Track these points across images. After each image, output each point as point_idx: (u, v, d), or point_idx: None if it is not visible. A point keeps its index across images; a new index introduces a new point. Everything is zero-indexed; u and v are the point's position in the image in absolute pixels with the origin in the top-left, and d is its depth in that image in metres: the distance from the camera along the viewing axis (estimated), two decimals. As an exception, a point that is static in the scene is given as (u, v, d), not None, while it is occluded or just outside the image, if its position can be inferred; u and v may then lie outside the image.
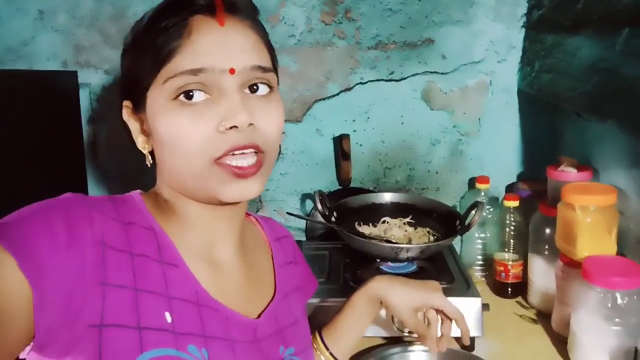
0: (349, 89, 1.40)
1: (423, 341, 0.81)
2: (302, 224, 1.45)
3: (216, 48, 0.55)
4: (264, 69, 0.57)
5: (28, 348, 0.48)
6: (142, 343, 0.50)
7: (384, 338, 1.05)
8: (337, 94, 1.40)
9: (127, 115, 0.61)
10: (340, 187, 1.42)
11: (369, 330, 1.01)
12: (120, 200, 0.58)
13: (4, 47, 1.37)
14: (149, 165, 0.61)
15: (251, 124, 0.55)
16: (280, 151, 0.62)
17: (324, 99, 1.40)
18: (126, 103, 0.60)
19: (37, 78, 1.26)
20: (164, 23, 0.55)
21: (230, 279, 0.64)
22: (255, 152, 0.56)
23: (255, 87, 0.58)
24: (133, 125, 0.60)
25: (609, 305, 0.88)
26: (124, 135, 0.63)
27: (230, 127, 0.54)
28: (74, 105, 1.38)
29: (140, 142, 0.60)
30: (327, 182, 1.44)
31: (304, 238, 1.45)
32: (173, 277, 0.56)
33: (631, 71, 0.82)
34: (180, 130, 0.54)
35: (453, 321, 0.83)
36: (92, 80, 1.40)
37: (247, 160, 0.55)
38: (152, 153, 0.60)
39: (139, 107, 0.58)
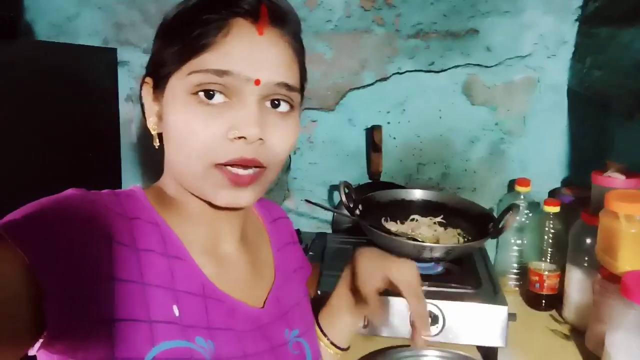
0: (385, 79, 1.34)
1: (370, 314, 0.74)
2: (328, 215, 1.41)
3: (248, 55, 0.54)
4: (289, 88, 0.56)
5: (37, 345, 0.48)
6: (154, 336, 0.51)
7: (399, 339, 1.00)
8: (373, 84, 1.35)
9: (145, 91, 0.60)
10: (369, 181, 1.38)
11: (383, 330, 0.98)
12: (124, 195, 0.58)
13: (49, 23, 1.40)
14: (156, 147, 0.60)
15: (260, 139, 0.54)
16: (284, 166, 0.60)
17: (358, 88, 1.36)
18: (147, 80, 0.60)
19: (77, 53, 1.29)
20: (205, 16, 0.54)
21: (234, 271, 0.64)
22: (257, 166, 0.56)
23: (276, 102, 0.57)
24: (149, 104, 0.60)
25: (650, 326, 0.80)
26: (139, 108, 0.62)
27: (239, 137, 0.53)
28: (111, 83, 1.40)
29: (152, 122, 0.59)
30: (357, 174, 1.39)
31: (329, 230, 1.42)
32: (179, 271, 0.56)
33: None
34: (191, 128, 0.53)
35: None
36: (131, 59, 1.41)
37: (246, 171, 0.55)
38: (160, 136, 0.60)
39: (158, 88, 0.58)
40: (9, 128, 1.04)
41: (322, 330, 0.78)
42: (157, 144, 0.60)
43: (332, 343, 0.78)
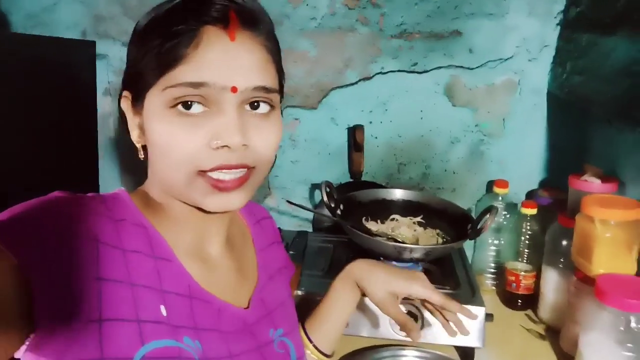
0: (368, 78, 1.34)
1: (403, 329, 0.76)
2: (309, 214, 1.41)
3: (222, 64, 0.53)
4: (267, 90, 0.56)
5: (23, 348, 0.48)
6: (143, 335, 0.51)
7: (378, 339, 1.01)
8: (356, 83, 1.35)
9: (125, 105, 0.59)
10: (351, 180, 1.38)
11: (362, 330, 0.98)
12: (110, 198, 0.57)
13: (25, 13, 1.36)
14: (142, 159, 0.60)
15: (244, 145, 0.54)
16: (273, 165, 0.61)
17: (341, 86, 1.35)
18: (126, 93, 0.59)
19: (54, 45, 1.26)
20: (174, 28, 0.53)
21: (220, 272, 0.64)
22: (244, 168, 0.56)
23: (256, 104, 0.56)
24: (130, 117, 0.59)
25: (622, 328, 0.83)
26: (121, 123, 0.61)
27: (223, 146, 0.53)
28: (90, 76, 1.37)
29: (135, 135, 0.59)
30: (338, 173, 1.39)
31: (310, 229, 1.42)
32: (166, 272, 0.56)
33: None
34: (173, 139, 0.53)
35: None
36: (110, 52, 1.38)
37: (231, 174, 0.55)
38: (144, 148, 0.59)
39: (137, 102, 0.57)
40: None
41: (307, 336, 0.79)
42: (142, 156, 0.59)
43: (317, 349, 0.79)
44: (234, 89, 0.53)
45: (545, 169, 1.35)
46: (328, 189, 1.15)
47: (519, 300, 1.17)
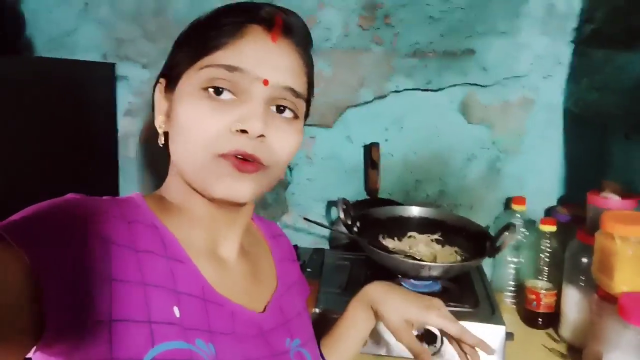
0: (383, 97, 1.36)
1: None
2: (325, 231, 1.41)
3: (260, 57, 0.56)
4: (296, 94, 0.58)
5: (33, 348, 0.48)
6: (153, 337, 0.50)
7: (380, 356, 1.00)
8: (371, 101, 1.36)
9: (158, 90, 0.62)
10: (367, 197, 1.38)
11: (380, 349, 0.98)
12: (123, 200, 0.58)
13: (47, 37, 1.41)
14: (161, 145, 0.61)
15: (262, 135, 0.56)
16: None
17: (356, 105, 1.37)
18: (161, 80, 0.62)
19: (76, 68, 1.29)
20: (220, 21, 0.57)
21: (234, 275, 0.64)
22: (257, 163, 0.57)
23: (282, 108, 0.58)
24: (160, 102, 0.62)
25: (646, 347, 0.80)
26: (150, 111, 0.64)
27: (242, 131, 0.55)
28: (110, 98, 1.40)
29: (159, 120, 0.61)
30: (355, 191, 1.40)
31: (327, 246, 1.42)
32: (179, 273, 0.56)
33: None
34: (198, 119, 0.55)
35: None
36: (130, 74, 1.42)
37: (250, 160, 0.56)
38: (166, 136, 0.61)
39: (170, 86, 0.60)
40: (9, 143, 1.04)
41: (322, 356, 0.78)
42: (161, 142, 0.61)
43: None
44: (265, 82, 0.56)
45: (563, 185, 1.34)
46: (344, 206, 1.16)
47: (540, 319, 1.16)
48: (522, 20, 1.28)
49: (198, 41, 0.57)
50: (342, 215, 1.15)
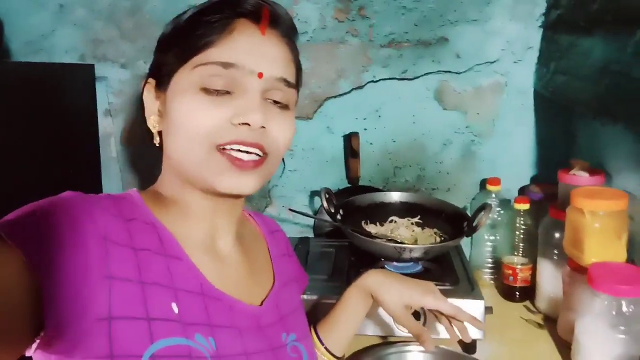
0: (360, 87, 1.39)
1: (417, 339, 0.80)
2: (309, 220, 1.45)
3: (252, 51, 0.58)
4: (288, 84, 0.61)
5: (34, 346, 0.49)
6: (152, 333, 0.51)
7: (382, 337, 1.04)
8: (349, 92, 1.39)
9: (147, 91, 0.63)
10: (349, 185, 1.42)
11: (367, 328, 1.02)
12: (119, 198, 0.59)
13: (24, 41, 1.40)
14: (157, 145, 0.62)
15: (263, 127, 0.58)
16: (284, 166, 0.65)
17: (335, 96, 1.40)
18: (150, 80, 0.62)
19: (54, 70, 1.29)
20: (208, 17, 0.58)
21: (231, 270, 0.65)
22: (258, 153, 0.58)
23: (274, 100, 0.60)
24: (150, 102, 0.62)
25: (614, 312, 0.86)
26: (140, 112, 0.65)
27: (243, 123, 0.56)
28: (90, 99, 1.41)
29: (152, 120, 0.62)
30: (336, 180, 1.43)
31: (311, 235, 1.45)
32: (177, 269, 0.57)
33: (640, 73, 0.80)
34: (194, 113, 0.56)
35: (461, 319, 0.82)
36: (109, 74, 1.42)
37: (248, 155, 0.58)
38: (159, 135, 0.62)
39: (160, 86, 0.61)
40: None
41: (319, 338, 0.82)
42: (157, 141, 0.62)
43: (328, 351, 0.82)
44: (260, 75, 0.57)
45: (536, 165, 1.40)
46: (327, 195, 1.19)
47: (517, 293, 1.21)
48: (492, 7, 1.32)
49: (186, 40, 0.58)
50: (325, 204, 1.18)
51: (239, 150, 0.57)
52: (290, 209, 1.15)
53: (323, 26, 1.36)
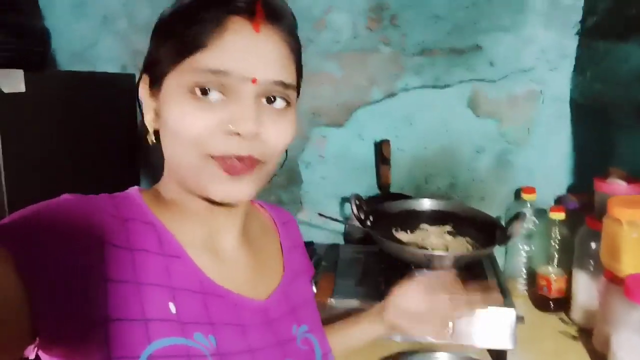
0: (392, 95, 1.40)
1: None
2: (340, 227, 1.46)
3: (244, 54, 0.54)
4: (286, 86, 0.57)
5: (32, 349, 0.48)
6: (149, 334, 0.51)
7: (409, 343, 1.04)
8: (381, 100, 1.40)
9: (142, 88, 0.60)
10: (379, 193, 1.42)
11: (396, 335, 1.01)
12: (119, 198, 0.58)
13: (70, 52, 1.47)
14: (151, 144, 0.60)
15: (256, 134, 0.55)
16: (283, 164, 0.62)
17: (367, 104, 1.41)
18: (144, 77, 0.60)
19: (97, 79, 1.35)
20: (201, 14, 0.54)
21: (235, 267, 0.64)
22: (250, 164, 0.56)
23: (272, 98, 0.57)
24: (147, 100, 0.60)
25: (652, 325, 0.83)
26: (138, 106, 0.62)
27: (235, 133, 0.54)
28: (131, 106, 1.46)
29: (149, 118, 0.59)
30: (367, 187, 1.44)
31: (342, 241, 1.46)
32: (175, 269, 0.56)
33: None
34: (186, 120, 0.54)
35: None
36: (149, 83, 1.47)
37: (242, 161, 0.55)
38: (156, 133, 0.60)
39: (155, 85, 0.58)
40: (36, 154, 1.09)
41: None
42: (152, 140, 0.60)
43: None
44: (254, 81, 0.54)
45: (572, 174, 1.37)
46: (357, 202, 1.19)
47: (551, 303, 1.19)
48: (527, 14, 1.31)
49: (179, 37, 0.54)
50: (355, 211, 1.18)
51: (232, 157, 0.55)
52: (320, 214, 1.16)
53: (355, 35, 1.38)
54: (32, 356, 0.50)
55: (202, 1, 0.55)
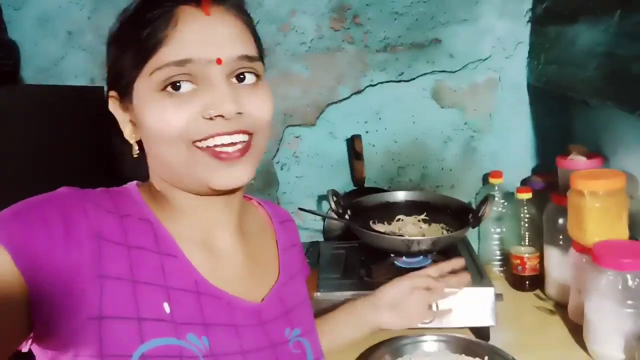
0: (359, 92, 1.43)
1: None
2: (319, 225, 1.48)
3: (202, 38, 0.54)
4: (250, 58, 0.57)
5: (27, 342, 0.49)
6: (142, 333, 0.51)
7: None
8: (349, 97, 1.44)
9: (113, 105, 0.60)
10: (355, 188, 1.45)
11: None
12: (117, 193, 0.58)
13: (36, 68, 1.46)
14: (136, 156, 0.61)
15: (239, 113, 0.55)
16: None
17: (336, 102, 1.44)
18: (112, 94, 0.60)
19: (66, 93, 1.34)
20: (149, 15, 0.54)
21: (230, 266, 0.64)
22: (243, 140, 0.57)
23: (242, 76, 0.58)
24: (120, 115, 0.60)
25: (620, 287, 0.87)
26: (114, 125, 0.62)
27: (217, 116, 0.54)
28: (100, 119, 1.45)
29: (128, 131, 0.59)
30: (343, 183, 1.47)
31: (321, 238, 1.48)
32: (171, 268, 0.56)
33: (624, 51, 0.83)
34: (164, 116, 0.54)
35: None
36: (117, 96, 1.47)
37: (232, 145, 0.56)
38: (140, 144, 0.60)
39: (125, 97, 0.58)
40: (6, 168, 1.08)
41: None
42: (136, 152, 0.60)
43: None
44: (218, 61, 0.54)
45: (536, 156, 1.43)
46: (335, 197, 1.22)
47: (527, 282, 1.22)
48: (481, 6, 1.37)
49: (135, 44, 0.55)
50: (333, 206, 1.21)
51: (222, 144, 0.55)
52: (301, 209, 1.18)
53: (320, 36, 1.41)
54: (26, 349, 0.50)
55: (146, 3, 0.56)
